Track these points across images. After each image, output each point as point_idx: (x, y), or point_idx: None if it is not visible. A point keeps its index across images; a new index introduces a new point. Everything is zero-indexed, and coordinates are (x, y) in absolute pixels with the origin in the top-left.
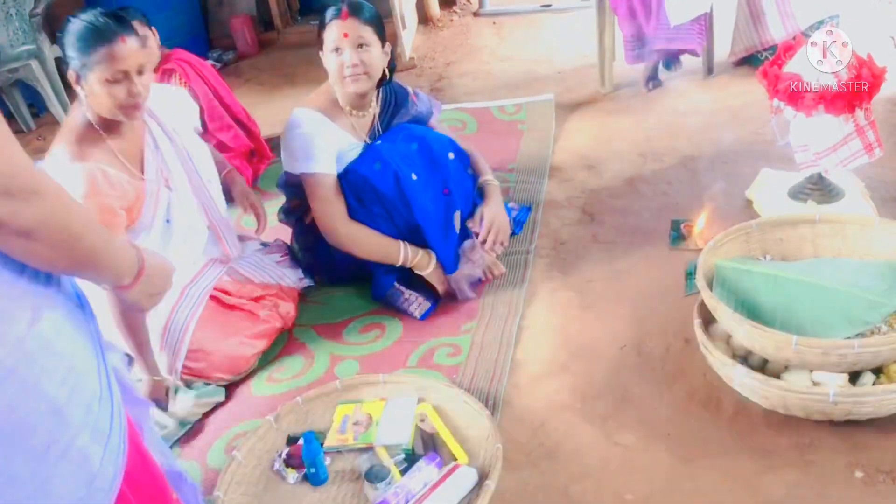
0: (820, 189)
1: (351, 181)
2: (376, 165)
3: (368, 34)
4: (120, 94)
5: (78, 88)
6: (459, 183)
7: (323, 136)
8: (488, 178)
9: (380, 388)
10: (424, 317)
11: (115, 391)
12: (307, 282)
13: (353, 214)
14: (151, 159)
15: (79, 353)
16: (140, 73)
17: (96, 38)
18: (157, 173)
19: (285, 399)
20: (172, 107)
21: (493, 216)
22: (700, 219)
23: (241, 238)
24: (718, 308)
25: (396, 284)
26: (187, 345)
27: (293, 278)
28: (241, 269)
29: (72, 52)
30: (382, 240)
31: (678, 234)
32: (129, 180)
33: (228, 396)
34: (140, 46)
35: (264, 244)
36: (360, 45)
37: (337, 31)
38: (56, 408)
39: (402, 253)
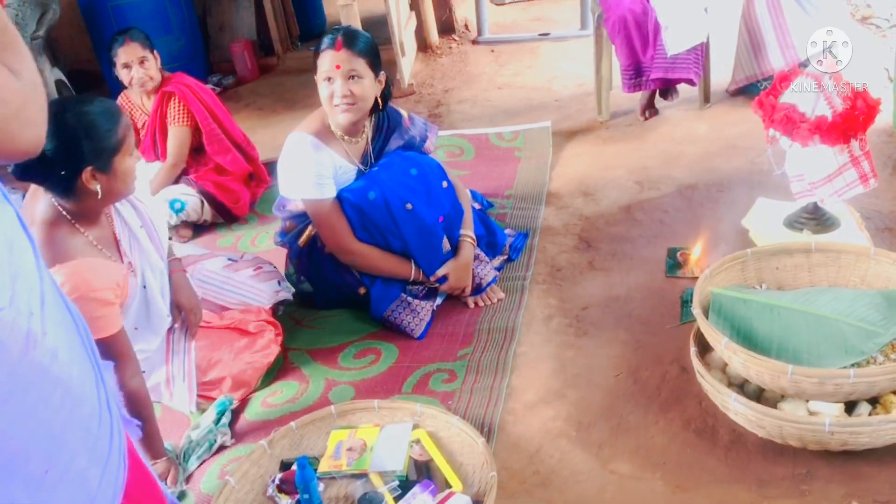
0: (816, 219)
1: (344, 210)
2: (370, 195)
3: (361, 66)
4: (133, 173)
5: (95, 184)
6: (453, 210)
7: (317, 160)
8: (466, 232)
9: (374, 414)
10: (422, 336)
11: (114, 410)
12: (284, 294)
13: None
14: (123, 236)
15: (75, 375)
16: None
17: (116, 126)
18: (130, 248)
19: (279, 424)
20: None
21: (456, 278)
22: (696, 247)
23: (206, 257)
24: (714, 336)
25: (404, 294)
26: (195, 378)
27: (268, 292)
28: (209, 298)
29: (89, 147)
30: (394, 257)
31: (674, 262)
32: (114, 266)
33: None
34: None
35: (232, 259)
36: (352, 77)
37: (330, 62)
38: (52, 433)
39: (413, 266)
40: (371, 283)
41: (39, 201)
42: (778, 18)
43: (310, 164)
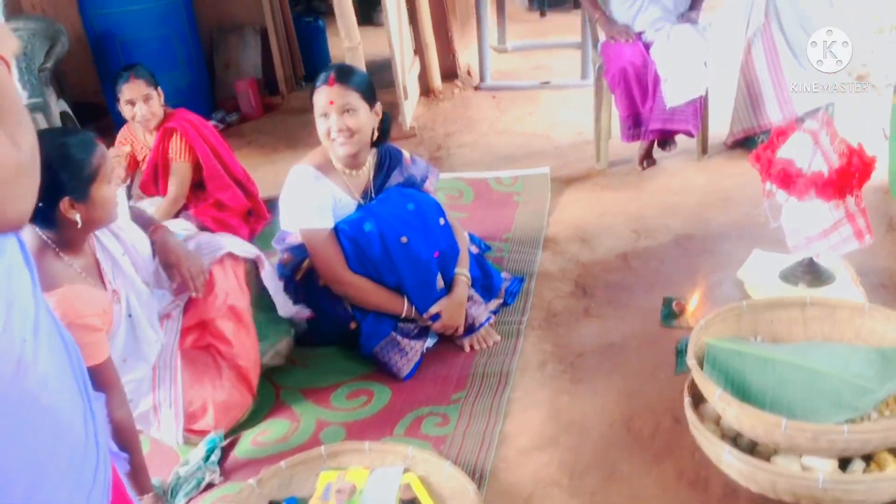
0: (811, 273)
1: (340, 241)
2: (366, 226)
3: (355, 99)
4: (114, 199)
5: (74, 214)
6: (449, 246)
7: (317, 191)
8: (461, 270)
9: (365, 457)
10: (409, 376)
11: (101, 441)
12: (303, 310)
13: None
14: (106, 264)
15: (64, 404)
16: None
17: (91, 157)
18: (113, 276)
19: (269, 463)
20: None
21: (449, 316)
22: (692, 298)
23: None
24: (708, 388)
25: (394, 333)
26: (182, 405)
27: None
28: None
29: (67, 177)
30: (387, 291)
31: (670, 312)
32: (99, 293)
33: None
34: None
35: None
36: (347, 111)
37: (324, 97)
38: (37, 460)
39: (406, 302)
40: (363, 317)
41: (24, 231)
42: (776, 74)
43: (310, 194)
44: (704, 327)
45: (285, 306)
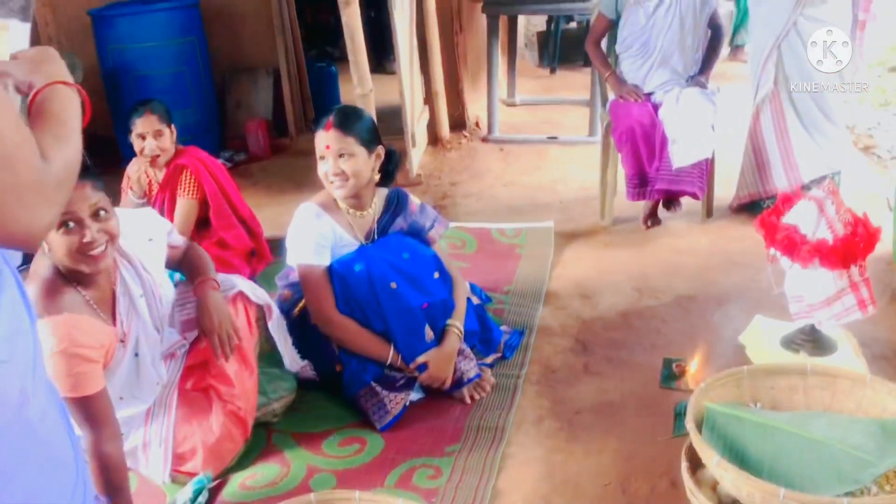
0: (813, 341)
1: (331, 280)
2: (356, 266)
3: (351, 145)
4: (72, 243)
5: (43, 243)
6: (440, 300)
7: (318, 228)
8: (454, 322)
9: None
10: (385, 428)
11: (88, 483)
12: (310, 371)
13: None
14: (123, 303)
15: (57, 440)
16: (97, 217)
17: None
18: (126, 315)
19: None
20: (143, 233)
21: (437, 367)
22: (693, 360)
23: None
24: (706, 453)
25: (373, 383)
26: (171, 445)
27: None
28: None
29: None
30: (373, 335)
31: (669, 373)
32: (102, 327)
33: None
34: (94, 190)
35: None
36: (342, 156)
37: (322, 142)
38: (34, 494)
39: (392, 350)
40: (348, 361)
41: (41, 258)
42: (783, 140)
43: (310, 230)
44: (704, 391)
45: (293, 360)
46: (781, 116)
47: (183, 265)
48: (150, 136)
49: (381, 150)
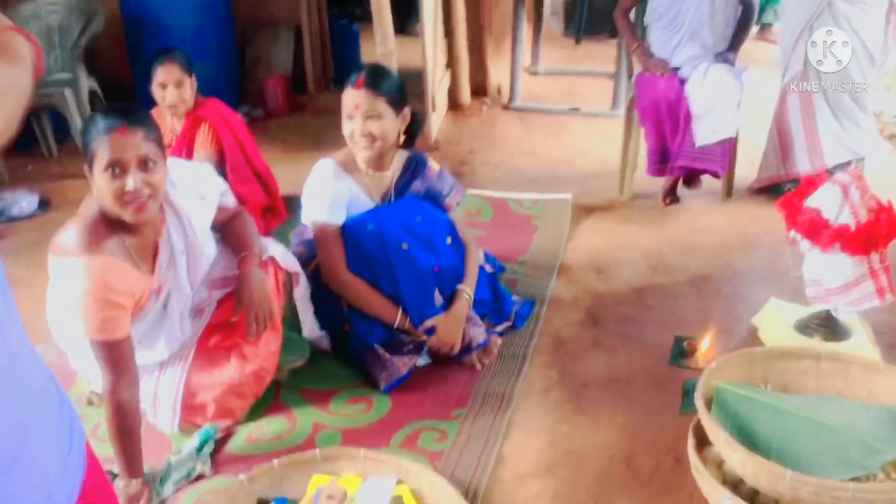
0: (827, 326)
1: (343, 237)
2: (368, 226)
3: (381, 106)
4: (116, 188)
5: (91, 180)
6: (451, 266)
7: (334, 186)
8: (464, 287)
9: (359, 464)
10: (389, 389)
11: (72, 408)
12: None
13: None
14: (164, 255)
15: (36, 369)
16: (143, 167)
17: (97, 129)
18: (165, 269)
19: (261, 460)
20: (196, 189)
21: (445, 331)
22: (704, 339)
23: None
24: (714, 431)
25: (379, 345)
26: (181, 398)
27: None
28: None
29: (84, 147)
30: (382, 297)
31: (680, 351)
32: (138, 276)
33: None
34: (145, 140)
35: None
36: (371, 117)
37: (351, 100)
38: (24, 421)
39: (400, 313)
40: (356, 321)
41: (91, 200)
42: (809, 124)
43: (326, 188)
44: (715, 370)
45: (312, 329)
46: (809, 99)
47: (228, 230)
48: (172, 86)
49: (407, 112)
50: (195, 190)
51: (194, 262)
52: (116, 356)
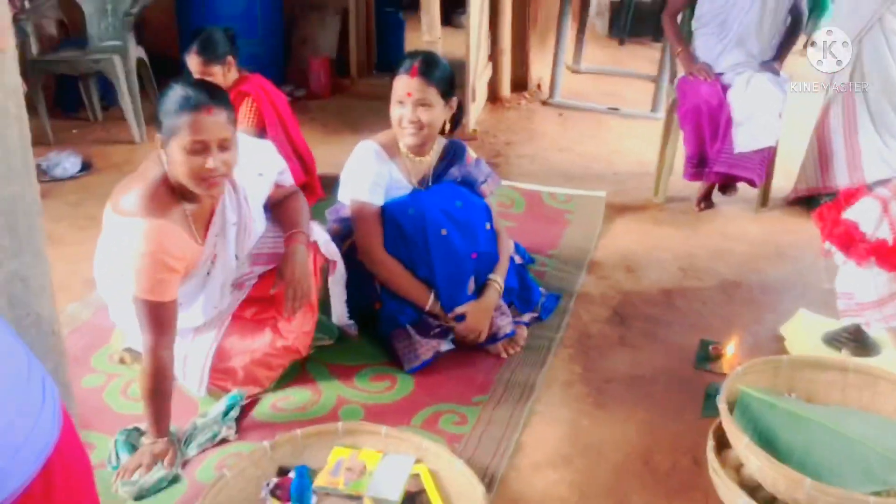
0: (856, 341)
1: (383, 220)
2: (409, 210)
3: (432, 95)
4: (196, 165)
5: (162, 153)
6: (488, 252)
7: (375, 167)
8: (495, 277)
9: (379, 440)
10: (413, 370)
11: (41, 367)
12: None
13: None
14: (216, 224)
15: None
16: (223, 147)
17: (183, 105)
18: (215, 242)
19: (284, 429)
20: (255, 166)
21: (475, 318)
22: (730, 344)
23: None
24: (736, 435)
25: (408, 326)
26: (211, 362)
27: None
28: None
29: (162, 117)
30: (415, 279)
31: (705, 355)
32: (192, 243)
33: None
34: (228, 122)
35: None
36: (422, 105)
37: (403, 87)
38: None
39: (432, 297)
40: (387, 300)
41: (153, 164)
42: (851, 138)
43: (367, 168)
44: (741, 374)
45: (341, 315)
46: (853, 113)
47: (281, 207)
48: (197, 76)
49: (454, 102)
50: (254, 166)
51: (244, 235)
52: (162, 317)
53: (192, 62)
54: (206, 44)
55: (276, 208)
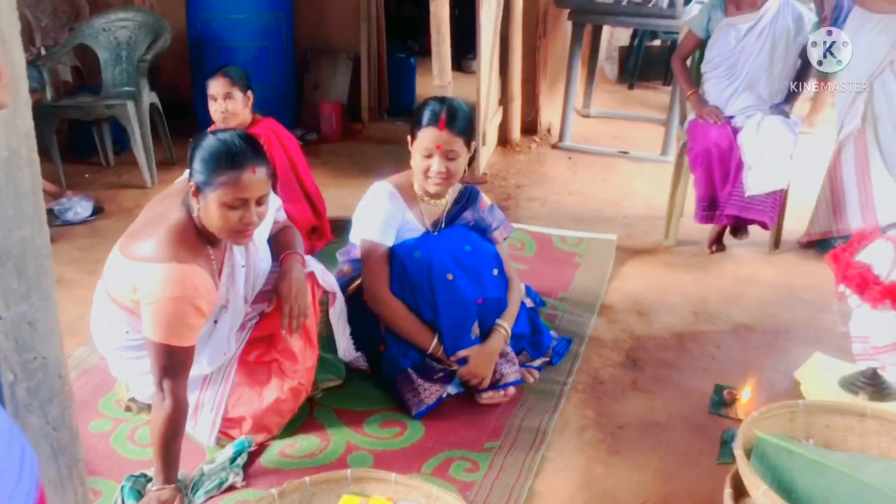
0: (873, 385)
1: (390, 259)
2: (416, 253)
3: (459, 146)
4: (233, 219)
5: (194, 201)
6: (495, 298)
7: (388, 208)
8: (502, 322)
9: (389, 488)
10: (420, 415)
11: (21, 436)
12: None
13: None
14: (226, 270)
15: None
16: (260, 203)
17: (228, 161)
18: (226, 288)
19: (293, 476)
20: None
21: (477, 363)
22: (745, 389)
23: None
24: (753, 481)
25: (410, 370)
26: (223, 411)
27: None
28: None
29: (199, 166)
30: (419, 321)
31: (720, 400)
32: (213, 286)
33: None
34: (267, 178)
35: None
36: (450, 157)
37: (431, 140)
38: None
39: (436, 340)
40: (391, 343)
41: (178, 205)
42: (864, 180)
43: (380, 209)
44: (756, 420)
45: (347, 349)
46: (865, 155)
47: (274, 239)
48: (220, 98)
49: (473, 146)
50: None
51: (252, 276)
52: (184, 361)
53: (216, 85)
54: (230, 69)
55: (271, 241)
